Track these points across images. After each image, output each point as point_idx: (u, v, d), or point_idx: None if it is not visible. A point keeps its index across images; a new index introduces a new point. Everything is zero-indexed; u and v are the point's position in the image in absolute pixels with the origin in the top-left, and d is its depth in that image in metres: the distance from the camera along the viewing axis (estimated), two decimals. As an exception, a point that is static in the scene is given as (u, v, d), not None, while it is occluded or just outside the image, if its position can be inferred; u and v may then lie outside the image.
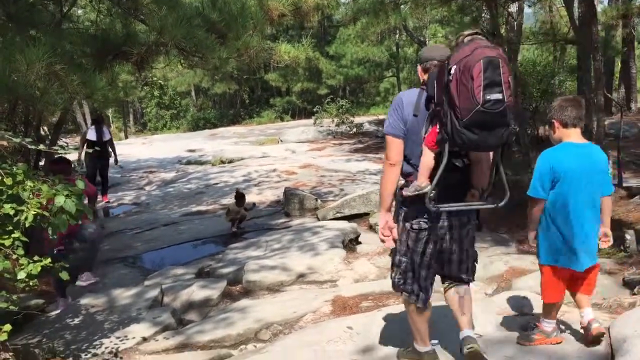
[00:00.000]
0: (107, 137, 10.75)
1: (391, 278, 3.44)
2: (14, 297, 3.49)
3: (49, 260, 3.47)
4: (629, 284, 4.98)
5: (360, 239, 7.37)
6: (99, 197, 9.92)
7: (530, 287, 4.75)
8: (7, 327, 3.34)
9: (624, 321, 3.59)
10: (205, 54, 5.96)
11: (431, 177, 2.97)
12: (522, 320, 3.94)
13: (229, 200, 11.40)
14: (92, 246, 5.80)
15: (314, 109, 21.68)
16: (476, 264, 3.50)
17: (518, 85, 8.90)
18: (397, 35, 25.66)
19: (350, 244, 7.09)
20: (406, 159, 3.19)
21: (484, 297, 4.96)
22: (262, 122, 33.93)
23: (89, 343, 4.58)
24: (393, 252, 3.40)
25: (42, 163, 6.46)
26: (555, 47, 15.49)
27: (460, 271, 3.38)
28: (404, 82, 28.32)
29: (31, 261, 3.41)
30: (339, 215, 8.91)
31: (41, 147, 4.38)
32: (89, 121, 24.98)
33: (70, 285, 5.74)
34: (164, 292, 5.70)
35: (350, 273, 5.96)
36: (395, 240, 3.30)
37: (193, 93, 40.09)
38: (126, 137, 30.73)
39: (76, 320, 5.13)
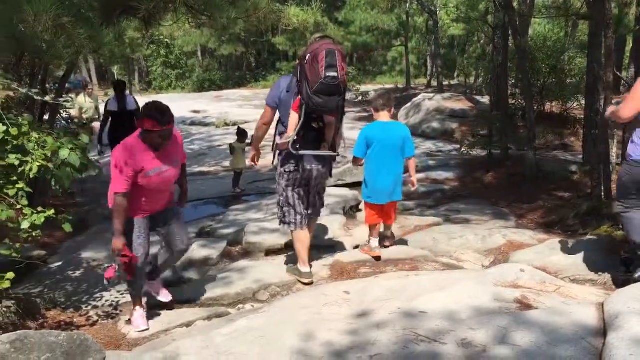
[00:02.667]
0: (131, 106, 8.55)
1: (277, 217, 4.81)
2: (17, 246, 3.52)
3: (52, 211, 3.50)
4: (624, 262, 5.02)
5: (360, 207, 7.41)
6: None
7: (527, 260, 4.79)
8: (10, 274, 3.41)
9: (617, 298, 3.63)
10: (214, 13, 5.90)
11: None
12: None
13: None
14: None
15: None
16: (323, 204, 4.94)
17: (527, 60, 8.80)
18: (407, 4, 25.28)
19: (351, 210, 7.13)
20: (281, 121, 4.52)
21: (480, 269, 5.01)
22: (268, 86, 33.66)
23: (89, 296, 4.66)
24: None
25: (46, 117, 6.45)
26: (567, 22, 15.26)
27: (313, 212, 4.81)
28: (412, 52, 28.03)
29: (35, 212, 3.44)
30: (340, 182, 8.95)
31: (47, 98, 4.37)
32: (94, 77, 24.84)
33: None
34: (165, 250, 5.76)
35: (349, 239, 6.01)
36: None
37: (199, 54, 39.75)
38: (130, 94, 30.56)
39: (77, 273, 5.20)
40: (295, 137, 4.29)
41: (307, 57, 4.15)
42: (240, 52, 36.69)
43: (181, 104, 22.51)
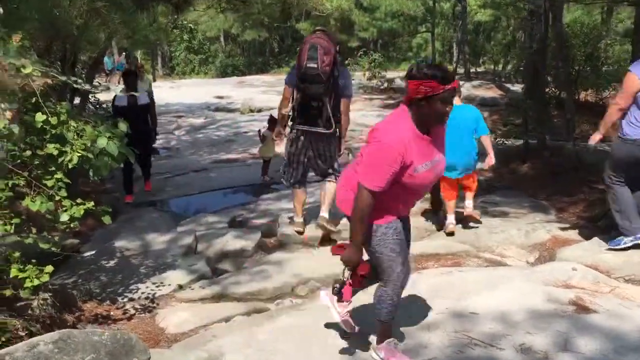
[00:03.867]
0: (143, 100, 7.27)
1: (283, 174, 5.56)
2: (56, 239, 3.42)
3: (92, 204, 3.39)
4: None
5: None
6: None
7: (576, 257, 4.59)
8: (49, 268, 3.31)
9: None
10: (249, -3, 5.75)
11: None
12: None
13: (257, 149, 11.33)
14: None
15: (346, 62, 21.22)
16: (335, 169, 5.36)
17: (563, 47, 8.48)
18: (435, -11, 24.82)
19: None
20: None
21: (525, 265, 4.82)
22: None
23: (124, 287, 4.57)
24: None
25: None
26: (603, 9, 14.81)
27: (322, 173, 5.43)
28: (437, 39, 27.56)
29: (74, 204, 3.33)
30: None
31: (87, 86, 4.26)
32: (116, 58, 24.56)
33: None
34: (198, 240, 5.67)
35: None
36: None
37: (222, 39, 39.60)
38: (154, 80, 30.57)
39: (111, 263, 5.12)
40: (290, 112, 5.23)
41: (299, 48, 5.06)
42: (264, 38, 36.42)
43: (204, 89, 22.44)
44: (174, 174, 9.30)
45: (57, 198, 3.29)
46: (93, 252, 5.42)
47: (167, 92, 20.76)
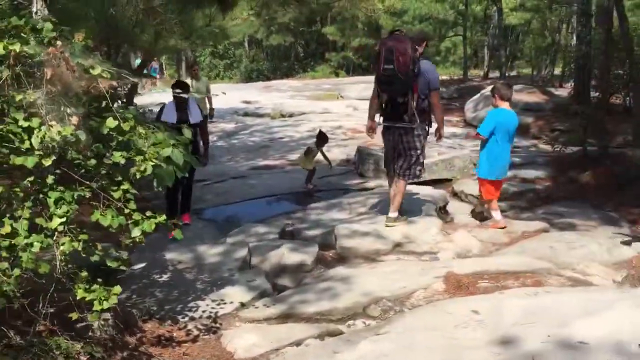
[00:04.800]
0: (195, 118, 6.12)
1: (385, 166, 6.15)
2: (124, 256, 3.12)
3: (164, 217, 3.08)
4: None
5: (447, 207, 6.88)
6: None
7: (672, 277, 4.19)
8: (117, 289, 3.03)
9: None
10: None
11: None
12: None
13: (297, 155, 11.01)
14: None
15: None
16: (412, 170, 5.62)
17: (631, 49, 8.06)
18: (466, -8, 24.39)
19: (441, 212, 6.59)
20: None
21: (614, 286, 4.43)
22: (317, 76, 33.24)
23: (183, 305, 4.26)
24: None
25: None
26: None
27: (396, 169, 5.66)
28: (468, 44, 27.11)
29: (144, 217, 3.03)
30: (416, 180, 8.39)
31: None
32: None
33: None
34: (251, 252, 5.34)
35: (451, 245, 5.47)
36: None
37: (246, 44, 39.50)
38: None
39: (164, 277, 4.82)
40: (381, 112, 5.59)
41: (377, 51, 5.30)
42: (289, 43, 36.24)
43: (231, 94, 22.16)
44: (212, 181, 9.01)
45: (127, 211, 2.98)
46: (142, 265, 5.13)
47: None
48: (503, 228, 5.90)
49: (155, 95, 14.57)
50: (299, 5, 5.86)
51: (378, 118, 5.66)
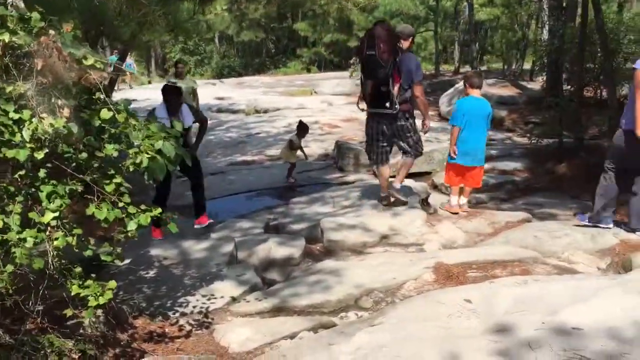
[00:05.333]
0: (188, 121, 5.74)
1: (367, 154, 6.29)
2: (119, 251, 3.06)
3: (159, 210, 3.03)
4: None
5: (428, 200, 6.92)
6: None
7: (656, 264, 4.28)
8: (112, 284, 2.96)
9: None
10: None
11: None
12: None
13: (275, 151, 10.99)
14: None
15: (351, 61, 20.93)
16: (414, 148, 5.92)
17: (606, 42, 8.19)
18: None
19: (423, 204, 6.63)
20: None
21: (601, 273, 4.51)
22: (288, 72, 33.19)
23: (173, 300, 4.20)
24: None
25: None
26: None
27: (401, 148, 5.93)
28: (439, 39, 27.31)
29: (139, 210, 2.97)
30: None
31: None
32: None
33: None
34: (237, 247, 5.30)
35: (436, 236, 5.52)
36: None
37: (217, 40, 39.17)
38: (149, 82, 30.06)
39: (151, 273, 4.75)
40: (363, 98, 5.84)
41: (360, 40, 5.67)
42: (260, 39, 36.06)
43: (203, 90, 22.01)
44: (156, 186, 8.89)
45: (121, 204, 2.92)
46: (127, 261, 5.03)
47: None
48: (455, 214, 6.11)
49: (131, 92, 14.34)
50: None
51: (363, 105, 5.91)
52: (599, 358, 2.90)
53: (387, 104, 5.52)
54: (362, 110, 5.93)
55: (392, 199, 6.03)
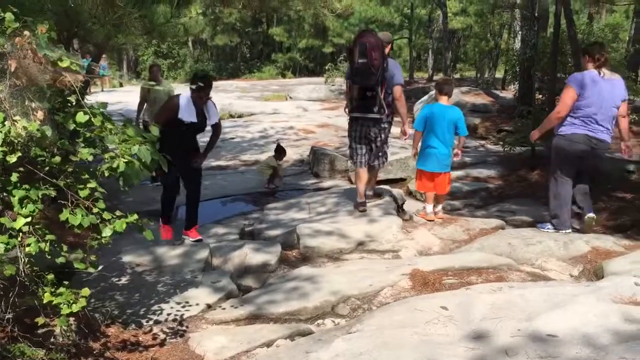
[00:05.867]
0: (214, 119, 5.65)
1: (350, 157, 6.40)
2: (93, 258, 2.99)
3: (135, 216, 2.97)
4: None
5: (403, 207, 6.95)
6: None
7: (626, 271, 4.35)
8: (86, 291, 2.89)
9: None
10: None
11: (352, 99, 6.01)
12: None
13: (249, 156, 10.95)
14: None
15: (326, 67, 20.98)
16: (384, 155, 6.25)
17: (578, 51, 8.33)
18: (412, -4, 24.80)
19: (399, 210, 6.65)
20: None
21: (574, 280, 4.58)
22: (263, 77, 33.13)
23: (146, 308, 4.13)
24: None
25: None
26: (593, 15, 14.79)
27: (370, 159, 6.14)
28: (414, 46, 27.59)
29: (114, 216, 2.91)
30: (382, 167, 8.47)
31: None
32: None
33: None
34: (212, 253, 5.25)
35: (412, 243, 5.53)
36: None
37: (190, 44, 38.91)
38: (121, 85, 29.70)
39: (123, 280, 4.66)
40: (350, 104, 6.05)
41: (351, 47, 5.75)
42: (235, 43, 35.94)
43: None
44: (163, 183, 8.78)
45: (95, 210, 2.86)
46: (100, 267, 4.92)
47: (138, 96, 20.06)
48: (431, 221, 6.14)
49: (103, 95, 14.13)
50: (260, 3, 5.70)
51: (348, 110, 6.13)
52: (574, 365, 2.93)
53: (375, 109, 5.81)
54: (350, 117, 6.10)
55: (369, 202, 6.29)
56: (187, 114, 5.33)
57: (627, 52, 14.06)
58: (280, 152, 8.59)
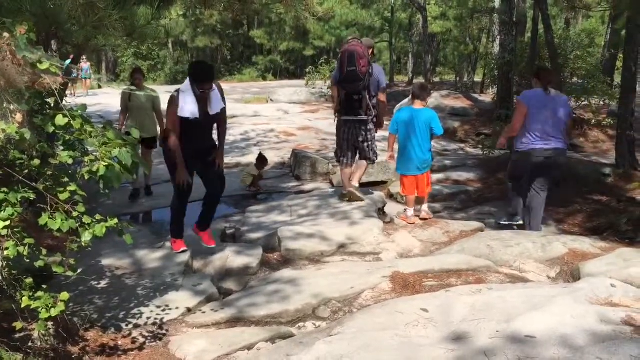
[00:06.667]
0: (216, 107, 4.97)
1: (336, 155, 6.80)
2: (72, 262, 2.97)
3: (116, 220, 2.96)
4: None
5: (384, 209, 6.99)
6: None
7: (603, 272, 4.42)
8: (65, 295, 2.87)
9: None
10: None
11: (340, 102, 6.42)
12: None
13: (230, 159, 10.90)
14: None
15: (307, 70, 21.00)
16: (374, 154, 6.57)
17: (555, 56, 8.47)
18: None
19: (380, 213, 6.69)
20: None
21: (551, 282, 4.64)
22: (244, 79, 33.05)
23: (125, 312, 4.10)
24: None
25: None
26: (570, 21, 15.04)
27: (363, 150, 6.51)
28: (395, 49, 27.75)
29: (94, 220, 2.89)
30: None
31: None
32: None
33: None
34: (193, 256, 5.23)
35: (393, 246, 5.57)
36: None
37: (170, 45, 38.69)
38: (99, 87, 29.41)
39: (103, 284, 4.62)
40: (339, 107, 6.45)
41: (340, 56, 6.19)
42: (216, 45, 35.82)
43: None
44: (144, 185, 8.73)
45: (75, 214, 2.83)
46: (79, 270, 4.88)
47: (118, 99, 19.89)
48: (412, 224, 6.29)
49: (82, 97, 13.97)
50: (242, 5, 5.70)
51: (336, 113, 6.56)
52: (551, 365, 2.97)
53: (362, 111, 6.28)
54: (339, 119, 6.53)
55: (350, 195, 6.59)
56: (188, 110, 4.75)
57: (602, 57, 14.30)
58: (262, 161, 8.61)
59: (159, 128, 7.71)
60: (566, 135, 5.97)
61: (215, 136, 5.34)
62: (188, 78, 4.89)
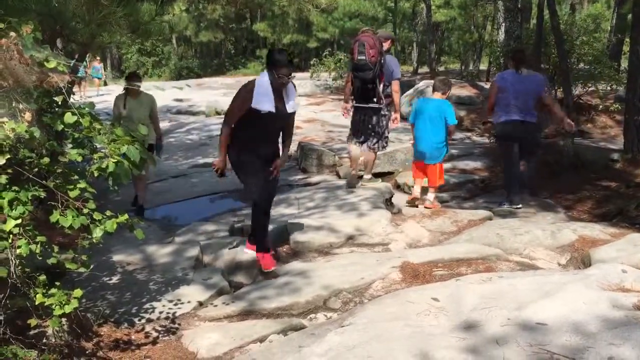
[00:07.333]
0: (293, 107, 4.64)
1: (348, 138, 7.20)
2: (84, 258, 2.99)
3: (126, 216, 2.97)
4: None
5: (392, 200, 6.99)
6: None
7: (613, 258, 4.41)
8: (78, 292, 2.89)
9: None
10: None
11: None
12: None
13: (237, 153, 10.90)
14: None
15: (311, 62, 20.95)
16: (380, 143, 6.90)
17: (561, 43, 8.40)
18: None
19: (388, 203, 6.69)
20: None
21: (561, 269, 4.64)
22: (248, 73, 32.95)
23: (138, 307, 4.13)
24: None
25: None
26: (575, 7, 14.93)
27: (366, 140, 6.86)
28: (399, 39, 27.63)
29: (105, 216, 2.91)
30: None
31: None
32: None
33: None
34: (203, 250, 5.26)
35: (401, 236, 5.57)
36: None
37: (174, 41, 38.68)
38: (105, 84, 29.47)
39: (114, 279, 4.65)
40: (353, 94, 6.72)
41: (352, 45, 6.44)
42: (219, 39, 35.80)
43: (161, 92, 21.70)
44: (152, 181, 8.78)
45: (86, 211, 2.85)
46: (91, 267, 4.91)
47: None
48: (414, 205, 6.54)
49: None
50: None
51: (350, 101, 6.80)
52: (563, 352, 2.97)
53: (374, 99, 6.55)
54: (353, 106, 6.79)
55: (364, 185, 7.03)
56: (263, 101, 4.30)
57: (609, 42, 14.19)
58: None
59: (154, 134, 7.16)
60: (553, 114, 6.71)
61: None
62: (264, 70, 4.50)
